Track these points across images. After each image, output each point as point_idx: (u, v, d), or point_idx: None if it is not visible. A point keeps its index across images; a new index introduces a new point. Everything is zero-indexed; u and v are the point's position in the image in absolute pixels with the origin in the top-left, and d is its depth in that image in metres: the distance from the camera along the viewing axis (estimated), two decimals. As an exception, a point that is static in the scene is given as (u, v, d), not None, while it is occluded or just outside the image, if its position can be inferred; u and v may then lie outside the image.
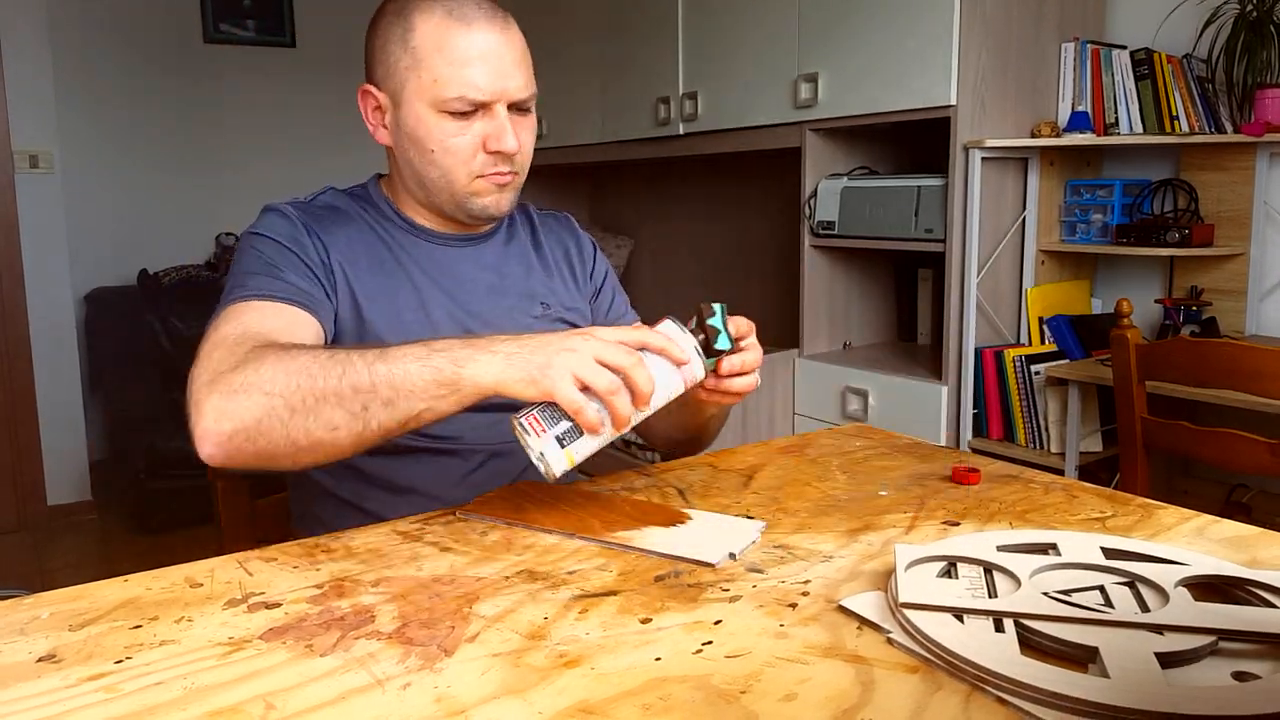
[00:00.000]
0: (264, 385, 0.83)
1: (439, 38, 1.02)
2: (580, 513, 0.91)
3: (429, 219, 1.14)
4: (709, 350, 0.90)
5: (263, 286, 0.98)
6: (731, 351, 0.92)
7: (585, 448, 0.84)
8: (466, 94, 1.03)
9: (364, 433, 0.84)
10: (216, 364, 0.87)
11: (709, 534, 0.85)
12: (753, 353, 0.95)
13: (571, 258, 1.25)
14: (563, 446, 0.83)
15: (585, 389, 0.81)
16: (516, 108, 1.07)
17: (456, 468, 1.09)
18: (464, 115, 1.04)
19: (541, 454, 0.83)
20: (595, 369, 0.80)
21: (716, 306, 0.92)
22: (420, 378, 0.82)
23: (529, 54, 1.09)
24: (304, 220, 1.08)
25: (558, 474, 0.83)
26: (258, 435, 0.83)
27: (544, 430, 0.83)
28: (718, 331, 0.91)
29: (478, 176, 1.07)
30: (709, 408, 1.03)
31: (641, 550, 0.82)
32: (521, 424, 0.83)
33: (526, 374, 0.81)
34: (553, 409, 0.83)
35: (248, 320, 0.94)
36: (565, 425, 0.83)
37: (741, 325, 0.94)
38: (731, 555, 0.81)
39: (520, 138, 1.07)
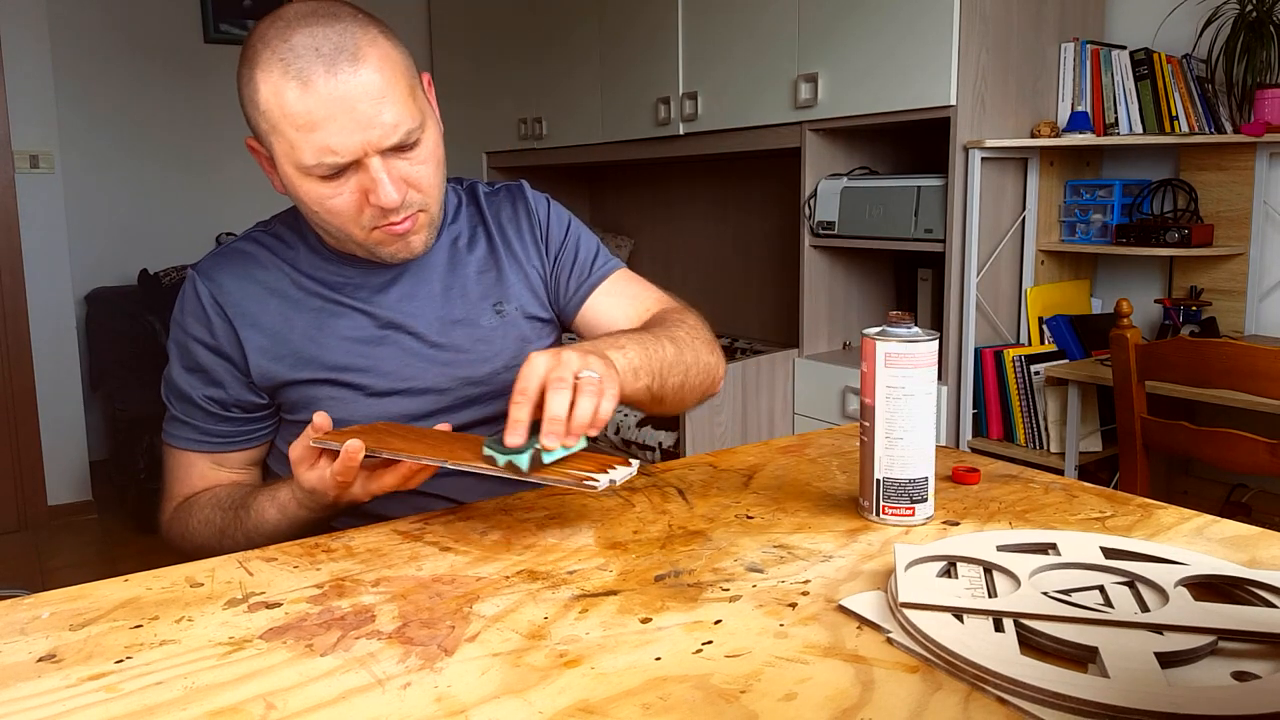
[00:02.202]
0: (189, 551, 1.04)
1: (280, 102, 0.91)
2: (451, 444, 0.88)
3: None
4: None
5: (179, 434, 1.10)
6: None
7: None
8: (324, 160, 0.92)
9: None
10: (166, 531, 1.11)
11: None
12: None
13: (523, 231, 1.17)
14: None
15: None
16: (397, 148, 0.94)
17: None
18: (333, 177, 0.94)
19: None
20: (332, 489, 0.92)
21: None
22: (285, 528, 0.97)
23: (401, 77, 0.94)
24: (212, 296, 1.05)
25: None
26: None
27: None
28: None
29: (373, 229, 0.98)
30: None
31: (522, 477, 0.81)
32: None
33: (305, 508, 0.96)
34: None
35: (180, 474, 1.11)
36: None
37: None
38: (612, 482, 0.81)
39: (411, 178, 0.97)
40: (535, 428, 0.81)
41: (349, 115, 0.90)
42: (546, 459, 0.81)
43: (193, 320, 1.07)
